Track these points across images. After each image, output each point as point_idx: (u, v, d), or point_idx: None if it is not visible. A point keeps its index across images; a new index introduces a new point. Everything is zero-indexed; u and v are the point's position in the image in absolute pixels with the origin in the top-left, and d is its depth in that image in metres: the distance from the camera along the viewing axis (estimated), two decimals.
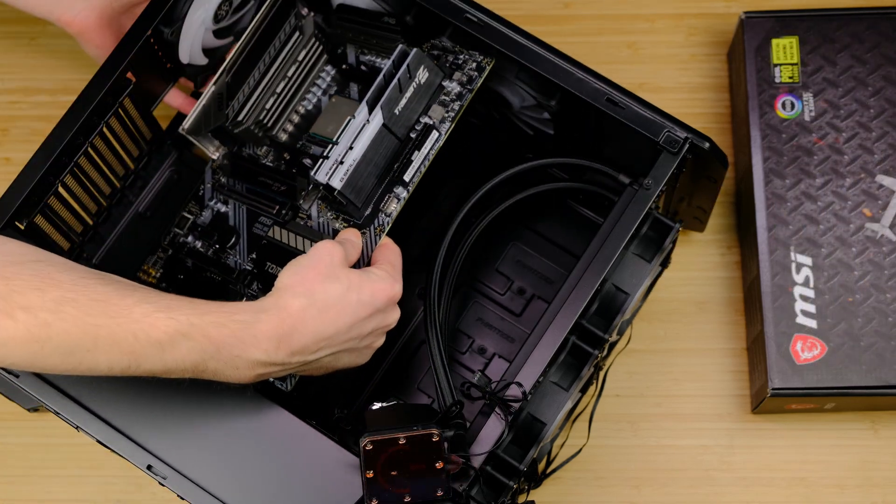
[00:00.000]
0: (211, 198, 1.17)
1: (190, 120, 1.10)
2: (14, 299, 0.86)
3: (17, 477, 1.23)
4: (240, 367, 0.94)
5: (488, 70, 1.09)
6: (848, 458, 1.21)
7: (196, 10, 1.09)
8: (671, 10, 1.33)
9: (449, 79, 1.10)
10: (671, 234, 1.05)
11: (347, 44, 1.19)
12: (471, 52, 1.10)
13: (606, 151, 1.10)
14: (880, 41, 1.22)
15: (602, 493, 1.21)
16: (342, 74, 1.18)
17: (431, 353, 1.03)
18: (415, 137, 1.08)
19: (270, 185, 1.13)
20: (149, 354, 0.90)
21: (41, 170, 1.04)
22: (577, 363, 1.03)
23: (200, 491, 0.98)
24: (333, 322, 0.96)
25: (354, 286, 0.97)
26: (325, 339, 0.96)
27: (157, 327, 0.90)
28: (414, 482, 0.94)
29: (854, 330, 1.15)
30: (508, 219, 1.14)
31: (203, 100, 1.10)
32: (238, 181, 1.16)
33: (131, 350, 0.89)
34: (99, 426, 1.00)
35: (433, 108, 1.10)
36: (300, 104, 1.18)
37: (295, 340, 0.94)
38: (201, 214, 1.16)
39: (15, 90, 1.32)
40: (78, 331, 0.88)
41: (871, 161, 1.19)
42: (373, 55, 1.17)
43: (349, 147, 1.05)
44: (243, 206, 1.15)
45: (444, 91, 1.10)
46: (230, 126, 1.14)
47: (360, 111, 1.06)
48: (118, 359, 0.90)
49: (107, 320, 0.88)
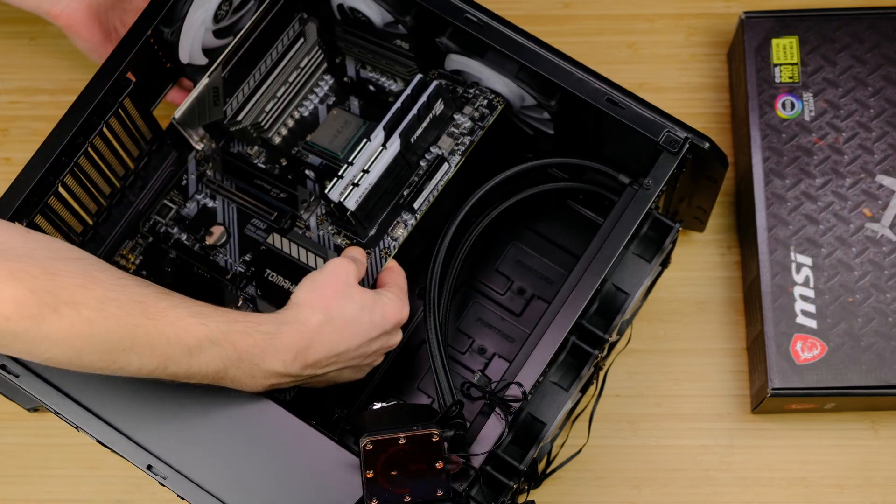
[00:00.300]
0: (197, 190, 1.17)
1: (182, 110, 1.11)
2: (60, 295, 0.87)
3: (17, 477, 1.23)
4: (256, 376, 0.96)
5: (500, 109, 1.12)
6: (848, 458, 1.21)
7: (196, 10, 1.09)
8: (671, 10, 1.33)
9: (459, 112, 1.13)
10: (671, 234, 1.05)
11: (346, 55, 1.19)
12: (481, 88, 1.13)
13: (606, 151, 1.10)
14: (880, 41, 1.22)
15: (602, 493, 1.21)
16: (341, 85, 1.19)
17: (431, 352, 1.03)
18: (425, 166, 1.11)
19: (268, 189, 1.14)
20: (177, 358, 0.92)
21: (41, 170, 1.04)
22: (577, 363, 1.03)
23: (200, 491, 0.98)
24: (346, 340, 0.99)
25: (368, 307, 1.00)
26: (336, 355, 0.99)
27: (190, 332, 0.92)
28: (414, 482, 0.95)
29: (854, 330, 1.15)
30: (508, 219, 1.14)
31: (196, 91, 1.11)
32: (229, 178, 1.16)
33: (163, 353, 0.91)
34: (99, 426, 1.00)
35: (443, 139, 1.12)
36: (297, 109, 1.19)
37: (310, 354, 0.97)
38: (185, 205, 1.17)
39: (15, 90, 1.32)
40: (119, 329, 0.89)
41: (871, 161, 1.19)
42: (376, 73, 1.20)
43: (365, 170, 1.07)
44: (233, 205, 1.15)
45: (454, 123, 1.13)
46: (227, 124, 1.15)
47: (377, 135, 1.08)
48: (149, 360, 0.91)
49: (145, 321, 0.90)
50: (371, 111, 1.18)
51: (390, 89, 1.19)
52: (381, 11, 1.11)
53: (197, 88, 1.11)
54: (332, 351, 0.99)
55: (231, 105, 1.15)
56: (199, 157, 1.18)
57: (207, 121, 1.14)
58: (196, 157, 1.18)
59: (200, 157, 1.18)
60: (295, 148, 1.18)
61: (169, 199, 1.17)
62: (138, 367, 0.91)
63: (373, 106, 1.18)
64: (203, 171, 1.18)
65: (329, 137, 1.16)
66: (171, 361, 0.92)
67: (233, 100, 1.15)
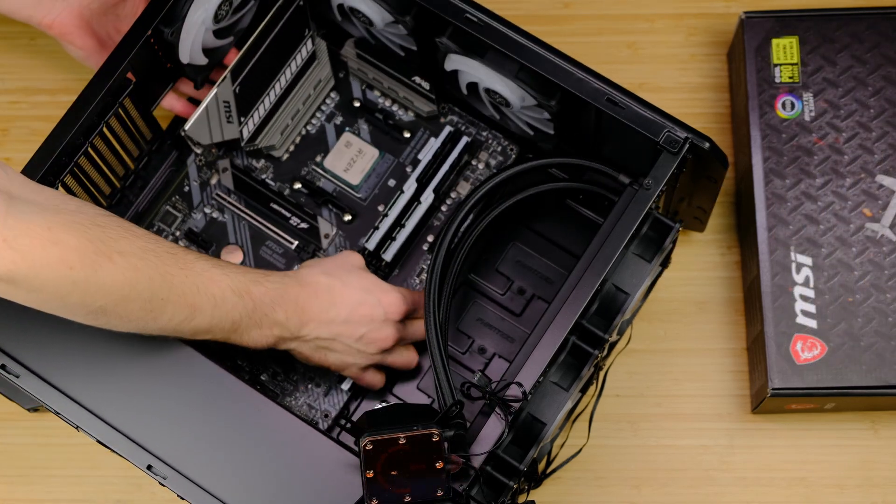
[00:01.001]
0: (202, 201, 1.18)
1: (191, 122, 1.12)
2: (111, 245, 0.90)
3: (16, 477, 1.23)
4: (263, 326, 1.01)
5: (514, 157, 1.20)
6: (848, 458, 1.21)
7: (196, 10, 1.09)
8: (671, 10, 1.33)
9: (475, 157, 1.19)
10: (671, 233, 1.05)
11: (351, 75, 1.20)
12: (493, 133, 1.19)
13: (606, 151, 1.10)
14: (880, 41, 1.22)
15: (602, 493, 1.21)
16: (347, 105, 1.22)
17: (431, 352, 1.03)
18: (446, 211, 1.19)
19: (287, 217, 1.18)
20: (204, 308, 0.96)
21: (41, 170, 1.04)
22: (577, 363, 1.03)
23: (200, 491, 0.98)
24: (338, 305, 1.04)
25: (367, 288, 1.07)
26: (329, 321, 1.04)
27: (215, 281, 0.97)
28: (414, 482, 0.95)
29: (854, 330, 1.15)
30: (508, 219, 1.14)
31: (205, 102, 1.11)
32: (238, 194, 1.19)
33: (192, 302, 0.95)
34: (99, 426, 1.00)
35: (460, 183, 1.19)
36: (304, 127, 1.21)
37: (306, 311, 1.03)
38: (191, 215, 1.17)
39: (15, 90, 1.32)
40: (160, 278, 0.93)
41: (871, 161, 1.19)
42: (383, 98, 1.22)
43: (401, 224, 1.16)
44: (244, 222, 1.17)
45: (470, 167, 1.19)
46: (245, 146, 1.18)
47: (410, 186, 1.16)
48: (180, 310, 0.95)
49: (178, 271, 0.94)
50: (382, 139, 1.21)
51: (400, 119, 1.21)
52: (381, 11, 1.11)
53: (206, 100, 1.12)
54: (325, 313, 1.04)
55: (247, 126, 1.16)
56: (200, 163, 1.18)
57: (222, 138, 1.16)
58: (196, 163, 1.19)
59: (201, 163, 1.18)
60: (304, 168, 1.20)
61: (172, 206, 1.18)
62: (170, 317, 0.95)
63: (382, 133, 1.21)
64: (206, 180, 1.18)
65: (343, 165, 1.20)
66: (198, 311, 0.96)
67: (248, 120, 1.16)
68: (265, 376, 1.14)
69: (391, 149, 1.20)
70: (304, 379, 1.14)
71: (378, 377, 1.12)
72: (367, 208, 1.19)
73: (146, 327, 0.95)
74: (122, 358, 1.01)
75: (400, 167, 1.20)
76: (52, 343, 1.01)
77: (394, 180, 1.20)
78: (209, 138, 1.15)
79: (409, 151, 1.20)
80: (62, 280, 0.88)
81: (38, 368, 1.01)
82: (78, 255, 0.88)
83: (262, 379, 1.14)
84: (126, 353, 1.02)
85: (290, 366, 1.14)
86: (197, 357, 1.01)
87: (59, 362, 1.01)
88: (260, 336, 1.02)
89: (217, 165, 1.19)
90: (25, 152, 1.06)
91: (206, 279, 0.96)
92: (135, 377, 1.01)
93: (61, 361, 1.01)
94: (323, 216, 1.18)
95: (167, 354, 1.01)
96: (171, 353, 1.01)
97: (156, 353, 1.01)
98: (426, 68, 1.17)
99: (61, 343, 1.01)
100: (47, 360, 1.01)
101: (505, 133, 1.20)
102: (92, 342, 1.01)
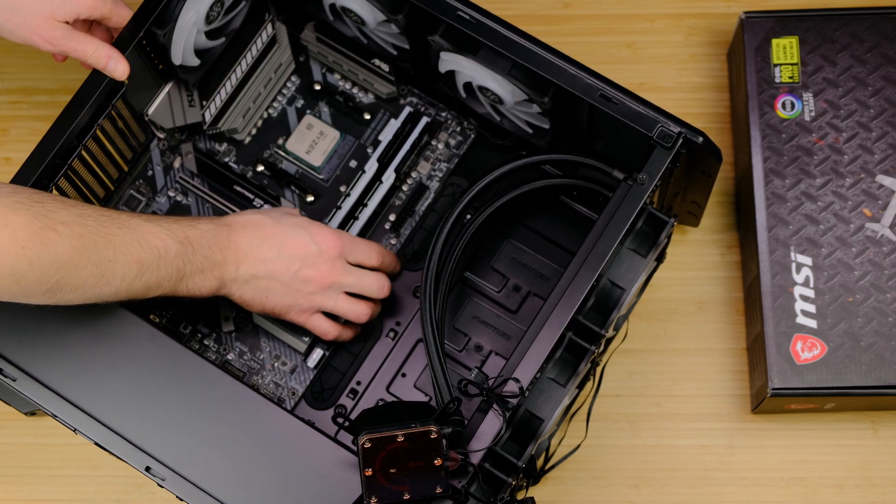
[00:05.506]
0: (165, 185, 1.19)
1: (154, 106, 1.15)
2: (53, 217, 0.92)
3: (16, 477, 1.23)
4: (205, 270, 1.02)
5: (473, 137, 1.20)
6: (848, 458, 1.21)
7: (188, 12, 1.09)
8: (671, 10, 1.33)
9: (435, 137, 1.20)
10: (666, 228, 1.05)
11: (311, 59, 1.21)
12: (451, 112, 1.20)
13: (600, 147, 1.10)
14: (880, 41, 1.22)
15: (601, 493, 1.21)
16: (308, 87, 1.23)
17: (428, 350, 1.04)
18: (408, 191, 1.20)
19: (251, 199, 1.19)
20: (150, 262, 0.97)
21: (35, 173, 1.04)
22: (573, 359, 1.03)
23: (199, 492, 0.99)
24: (270, 239, 1.05)
25: (301, 224, 1.07)
26: (264, 259, 1.05)
27: (154, 234, 0.98)
28: (413, 479, 0.95)
29: (854, 330, 1.15)
30: (503, 216, 1.14)
31: (167, 87, 1.15)
32: (201, 177, 1.19)
33: (138, 258, 0.97)
34: (97, 428, 1.00)
35: (420, 164, 1.20)
36: (266, 110, 1.22)
37: (241, 247, 1.04)
38: (155, 199, 1.18)
39: (15, 90, 1.33)
40: (103, 240, 0.94)
41: (871, 161, 1.19)
42: (343, 81, 1.23)
43: (364, 203, 1.17)
44: (207, 205, 1.18)
45: (430, 147, 1.20)
46: (207, 129, 1.18)
47: (371, 167, 1.17)
48: (129, 268, 0.96)
49: (118, 231, 0.96)
50: (343, 121, 1.22)
51: (361, 101, 1.22)
52: (374, 10, 1.11)
53: (167, 86, 1.15)
54: (258, 249, 1.04)
55: (209, 110, 1.16)
56: (163, 147, 1.19)
57: (185, 122, 1.17)
58: (159, 147, 1.19)
59: (164, 147, 1.19)
60: (267, 151, 1.21)
61: (136, 190, 1.19)
62: (121, 277, 0.96)
63: (342, 115, 1.22)
64: (170, 164, 1.19)
65: (305, 147, 1.20)
66: (145, 266, 0.97)
67: (210, 104, 1.16)
68: (232, 355, 1.15)
69: (352, 130, 1.21)
70: (269, 357, 1.15)
71: (326, 324, 1.10)
72: (330, 189, 1.19)
73: (101, 294, 0.96)
74: (117, 360, 1.02)
75: (361, 148, 1.20)
76: (48, 346, 1.02)
77: (355, 161, 1.20)
78: (172, 122, 1.16)
79: (369, 133, 1.21)
80: (18, 260, 0.89)
81: (35, 371, 1.01)
82: (28, 232, 0.90)
83: (228, 359, 1.14)
84: (122, 355, 1.02)
85: (256, 344, 1.15)
86: (191, 356, 1.02)
87: (55, 365, 1.02)
88: (203, 281, 1.02)
89: (180, 149, 1.20)
90: (25, 152, 1.06)
91: (144, 233, 0.98)
92: (131, 379, 1.01)
93: (57, 364, 1.02)
94: (286, 197, 1.19)
95: (163, 355, 1.02)
96: (168, 353, 1.02)
97: (151, 354, 1.02)
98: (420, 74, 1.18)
99: (57, 346, 1.02)
100: (43, 363, 1.02)
101: (464, 113, 1.20)
102: (88, 345, 1.02)
